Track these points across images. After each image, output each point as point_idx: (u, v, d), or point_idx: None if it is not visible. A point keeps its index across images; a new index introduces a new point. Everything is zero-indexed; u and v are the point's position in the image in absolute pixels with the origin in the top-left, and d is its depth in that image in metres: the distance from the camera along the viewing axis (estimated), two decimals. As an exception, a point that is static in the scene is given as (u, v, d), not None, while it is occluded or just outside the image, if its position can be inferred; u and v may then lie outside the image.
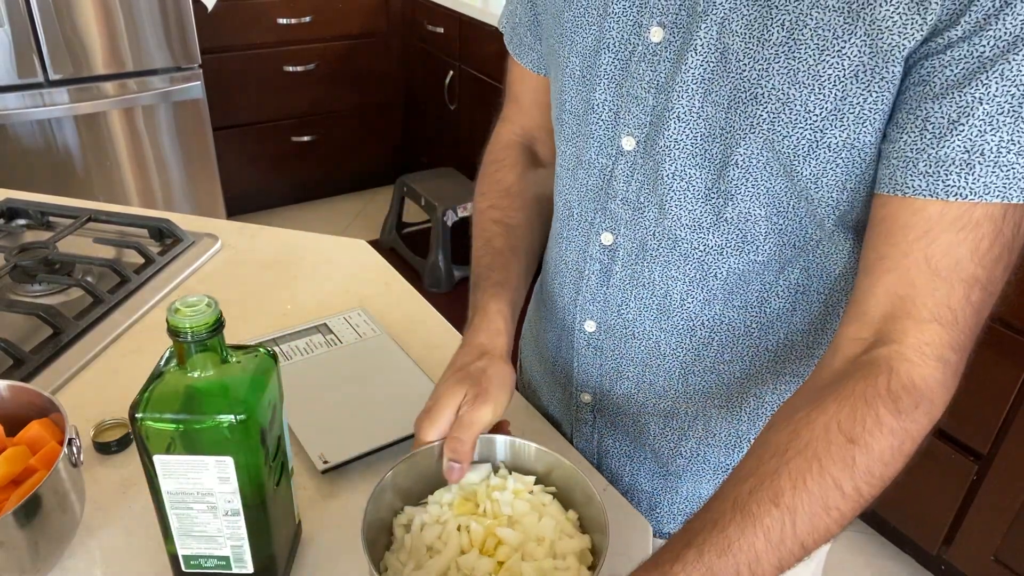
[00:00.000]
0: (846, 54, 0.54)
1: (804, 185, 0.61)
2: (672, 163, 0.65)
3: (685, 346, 0.73)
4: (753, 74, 0.58)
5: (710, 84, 0.60)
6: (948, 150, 0.52)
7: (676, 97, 0.62)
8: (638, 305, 0.73)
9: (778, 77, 0.57)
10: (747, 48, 0.58)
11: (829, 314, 0.71)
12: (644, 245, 0.70)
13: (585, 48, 0.68)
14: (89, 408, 0.84)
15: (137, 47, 2.44)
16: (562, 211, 0.78)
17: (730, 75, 0.59)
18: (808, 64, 0.55)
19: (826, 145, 0.58)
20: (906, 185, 0.54)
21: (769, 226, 0.64)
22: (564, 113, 0.73)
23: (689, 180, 0.65)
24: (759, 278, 0.68)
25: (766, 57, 0.57)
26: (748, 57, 0.58)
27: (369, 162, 3.55)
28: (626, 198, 0.69)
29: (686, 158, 0.64)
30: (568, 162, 0.75)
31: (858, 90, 0.55)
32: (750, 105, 0.59)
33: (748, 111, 0.59)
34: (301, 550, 0.70)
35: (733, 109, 0.60)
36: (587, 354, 0.79)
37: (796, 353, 0.72)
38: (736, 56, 0.58)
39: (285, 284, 1.10)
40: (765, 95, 0.58)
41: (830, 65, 0.55)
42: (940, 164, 0.52)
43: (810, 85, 0.56)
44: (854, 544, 2.00)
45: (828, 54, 0.55)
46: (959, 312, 0.54)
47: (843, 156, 0.58)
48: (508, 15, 0.85)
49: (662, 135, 0.65)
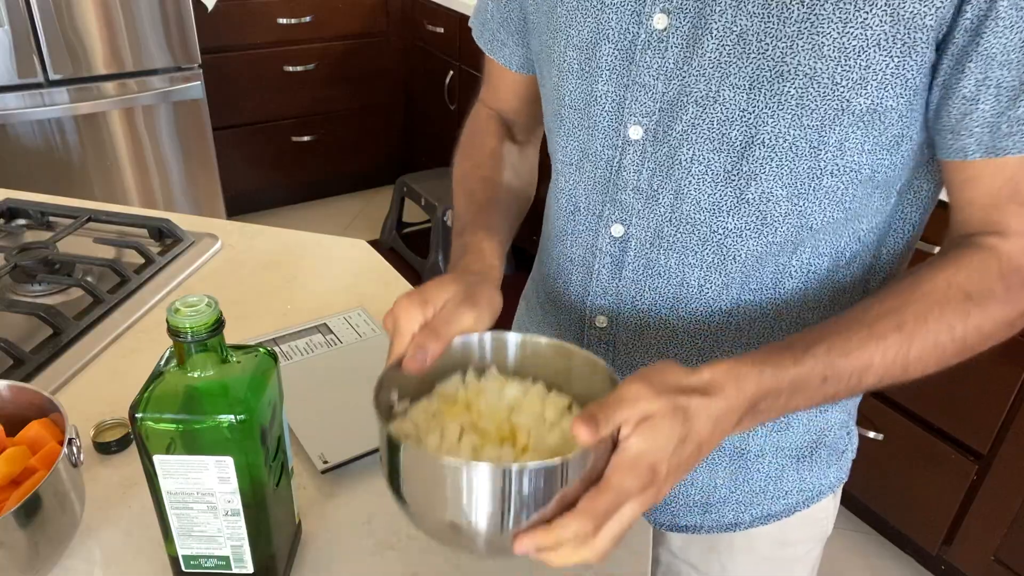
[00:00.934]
0: (869, 24, 0.56)
1: (830, 157, 0.62)
2: (690, 148, 0.65)
3: (703, 332, 0.73)
4: (776, 53, 0.59)
5: (728, 67, 0.61)
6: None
7: (692, 82, 0.63)
8: (652, 295, 0.73)
9: (803, 53, 0.58)
10: (767, 28, 0.58)
11: (837, 291, 0.71)
12: (659, 233, 0.70)
13: (582, 41, 0.68)
14: (89, 408, 0.84)
15: (137, 47, 2.44)
16: (566, 207, 0.77)
17: (750, 56, 0.60)
18: (832, 38, 0.57)
19: (851, 111, 0.60)
20: (996, 147, 0.59)
21: (789, 206, 0.65)
22: (563, 108, 0.73)
23: (708, 164, 0.65)
24: (774, 260, 0.68)
25: (788, 35, 0.58)
26: (769, 36, 0.58)
27: (369, 162, 3.55)
28: (637, 187, 0.69)
29: (705, 142, 0.64)
30: (571, 156, 0.75)
31: (880, 57, 0.57)
32: (775, 83, 0.60)
33: (774, 89, 0.60)
34: (301, 550, 0.70)
35: (756, 89, 0.60)
36: (598, 351, 0.78)
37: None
38: (756, 36, 0.59)
39: (285, 284, 1.10)
40: (791, 72, 0.59)
41: (854, 36, 0.56)
42: (1021, 122, 0.57)
43: (836, 58, 0.57)
44: (854, 544, 2.00)
45: (852, 25, 0.56)
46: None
47: (864, 119, 0.60)
48: (478, 11, 0.86)
49: (679, 121, 0.65)
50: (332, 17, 3.14)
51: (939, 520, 1.77)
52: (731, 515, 0.81)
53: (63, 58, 2.33)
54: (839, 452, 0.82)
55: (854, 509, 2.05)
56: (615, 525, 0.50)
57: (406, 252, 3.04)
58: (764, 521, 0.81)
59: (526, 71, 0.84)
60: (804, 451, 0.79)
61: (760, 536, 0.83)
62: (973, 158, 0.60)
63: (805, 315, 0.72)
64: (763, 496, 0.80)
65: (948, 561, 1.81)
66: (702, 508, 0.81)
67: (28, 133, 2.36)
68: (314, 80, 3.20)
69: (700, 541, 0.85)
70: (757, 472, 0.78)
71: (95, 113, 2.44)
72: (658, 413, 0.50)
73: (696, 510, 0.81)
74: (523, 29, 0.81)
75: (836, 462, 0.82)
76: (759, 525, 0.81)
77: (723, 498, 0.80)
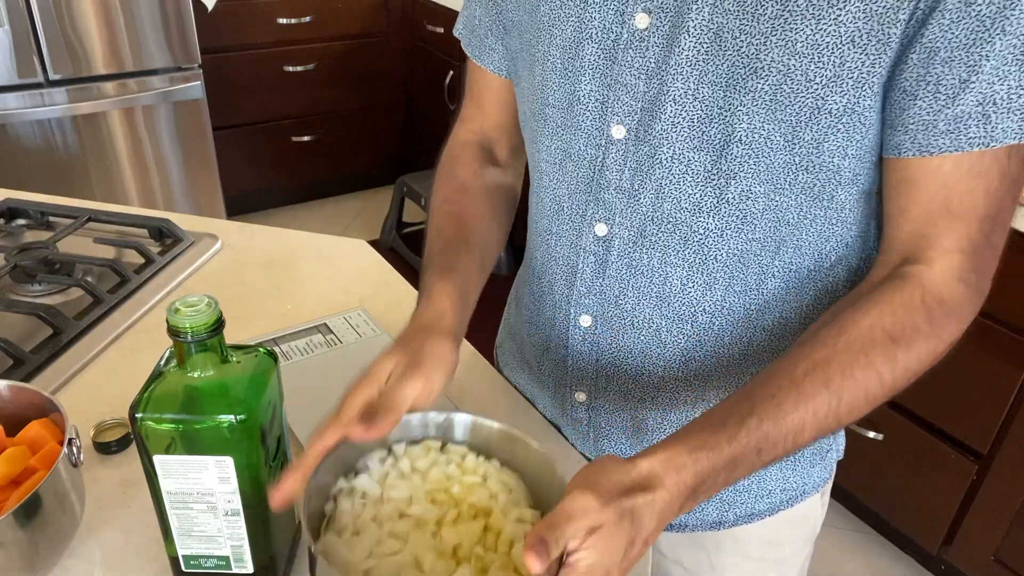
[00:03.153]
0: (842, 20, 0.56)
1: (805, 153, 0.62)
2: (670, 147, 0.65)
3: (686, 332, 0.73)
4: (751, 49, 0.59)
5: (705, 65, 0.61)
6: (964, 106, 0.56)
7: (670, 81, 0.63)
8: (636, 294, 0.73)
9: (776, 50, 0.58)
10: (742, 25, 0.59)
11: (820, 292, 0.72)
12: (642, 232, 0.70)
13: (565, 40, 0.68)
14: (89, 408, 0.84)
15: (137, 47, 2.44)
16: (550, 207, 0.77)
17: (726, 53, 0.60)
18: (805, 34, 0.57)
19: (827, 111, 0.60)
20: (931, 145, 0.58)
21: (767, 203, 0.65)
22: (547, 108, 0.73)
23: (688, 163, 0.65)
24: (756, 259, 0.69)
25: (763, 31, 0.58)
26: (744, 34, 0.59)
27: (369, 162, 3.55)
28: (620, 187, 0.69)
29: (684, 141, 0.64)
30: (554, 156, 0.74)
31: (855, 55, 0.57)
32: (750, 80, 0.60)
33: (748, 86, 0.60)
34: (301, 550, 0.70)
35: (732, 86, 0.61)
36: (582, 350, 0.79)
37: (791, 330, 0.73)
38: (732, 34, 0.59)
39: (285, 284, 1.10)
40: (765, 68, 0.59)
41: (827, 33, 0.56)
42: (959, 120, 0.57)
43: (809, 55, 0.57)
44: (854, 544, 2.00)
45: (825, 22, 0.56)
46: (976, 243, 0.61)
47: (843, 121, 0.60)
48: (466, 19, 0.85)
49: (658, 120, 0.65)
50: (332, 17, 3.14)
51: (939, 520, 1.77)
52: (715, 513, 0.82)
53: (63, 58, 2.33)
54: (823, 452, 0.82)
55: (854, 509, 2.05)
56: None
57: (406, 252, 3.04)
58: (748, 520, 0.82)
59: (507, 75, 0.83)
60: None
61: (748, 536, 0.83)
62: (906, 156, 0.60)
63: (788, 315, 0.72)
64: (746, 495, 0.80)
65: (948, 561, 1.81)
66: None
67: (28, 133, 2.36)
68: (314, 80, 3.20)
69: (689, 541, 0.85)
70: None
71: (95, 113, 2.43)
72: (607, 523, 0.50)
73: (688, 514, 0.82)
74: (506, 31, 0.80)
75: (820, 462, 0.82)
76: (743, 524, 0.82)
77: None
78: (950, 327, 0.61)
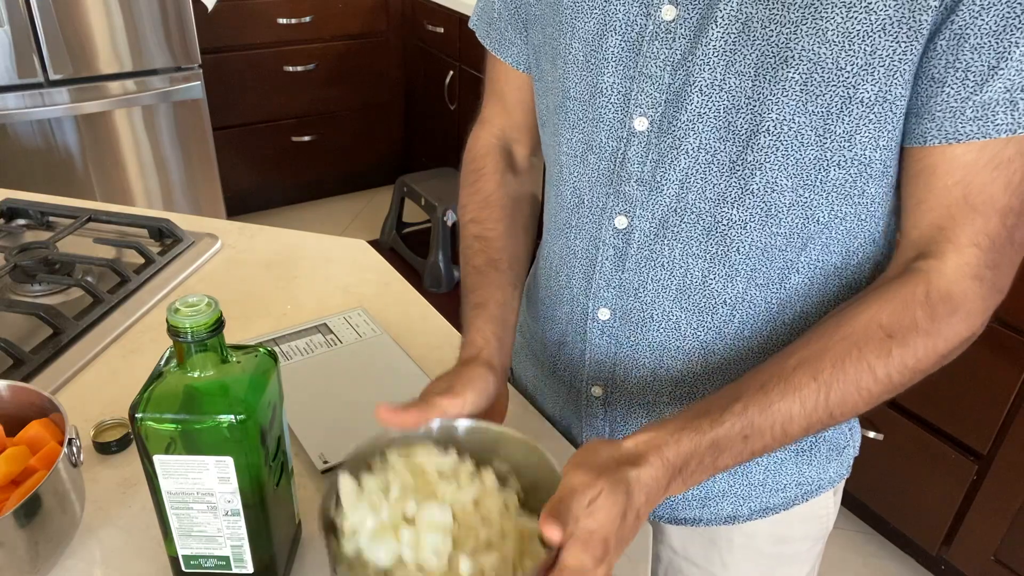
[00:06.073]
0: (873, 8, 0.56)
1: (837, 147, 0.62)
2: (696, 137, 0.65)
3: (706, 325, 0.73)
4: (780, 38, 0.59)
5: (733, 55, 0.61)
6: (992, 93, 0.56)
7: (697, 71, 0.63)
8: (656, 287, 0.73)
9: (807, 38, 0.58)
10: (771, 14, 0.59)
11: (844, 288, 0.71)
12: (663, 224, 0.70)
13: (588, 33, 0.68)
14: (89, 408, 0.84)
15: (137, 47, 2.44)
16: (570, 200, 0.77)
17: (755, 43, 0.60)
18: (836, 23, 0.57)
19: (859, 101, 0.59)
20: (958, 132, 0.58)
21: (794, 197, 0.65)
22: (568, 101, 0.73)
23: (714, 153, 0.65)
24: (781, 254, 0.68)
25: (793, 20, 0.58)
26: (774, 23, 0.59)
27: (369, 162, 3.55)
28: (641, 179, 0.69)
29: (710, 131, 0.64)
30: (575, 149, 0.74)
31: (886, 43, 0.57)
32: (780, 69, 0.60)
33: (778, 75, 0.60)
34: (301, 550, 0.70)
35: (761, 76, 0.61)
36: (600, 344, 0.78)
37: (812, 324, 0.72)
38: (761, 23, 0.59)
39: (285, 284, 1.10)
40: (795, 57, 0.59)
41: (859, 21, 0.56)
42: (986, 107, 0.56)
43: (840, 43, 0.57)
44: (854, 544, 2.00)
45: (856, 10, 0.56)
46: (995, 238, 0.60)
47: (875, 111, 0.60)
48: (482, 11, 0.85)
49: (683, 111, 0.65)
50: (332, 17, 3.14)
51: (939, 520, 1.77)
52: (730, 508, 0.81)
53: (63, 58, 2.33)
54: (839, 448, 0.82)
55: (854, 509, 2.05)
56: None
57: (406, 252, 3.04)
58: (763, 514, 0.82)
59: (526, 69, 0.84)
60: (804, 445, 0.79)
61: (760, 532, 0.83)
62: (932, 144, 0.60)
63: (810, 311, 0.72)
64: (762, 489, 0.80)
65: (948, 561, 1.81)
66: (701, 501, 0.81)
67: (28, 133, 2.36)
68: (314, 80, 3.20)
69: (700, 537, 0.85)
70: (756, 465, 0.79)
71: (95, 113, 2.43)
72: (603, 491, 0.54)
73: (695, 503, 0.82)
74: (526, 26, 0.80)
75: (836, 457, 0.82)
76: (757, 518, 0.82)
77: (722, 491, 0.80)
78: (954, 325, 0.60)
